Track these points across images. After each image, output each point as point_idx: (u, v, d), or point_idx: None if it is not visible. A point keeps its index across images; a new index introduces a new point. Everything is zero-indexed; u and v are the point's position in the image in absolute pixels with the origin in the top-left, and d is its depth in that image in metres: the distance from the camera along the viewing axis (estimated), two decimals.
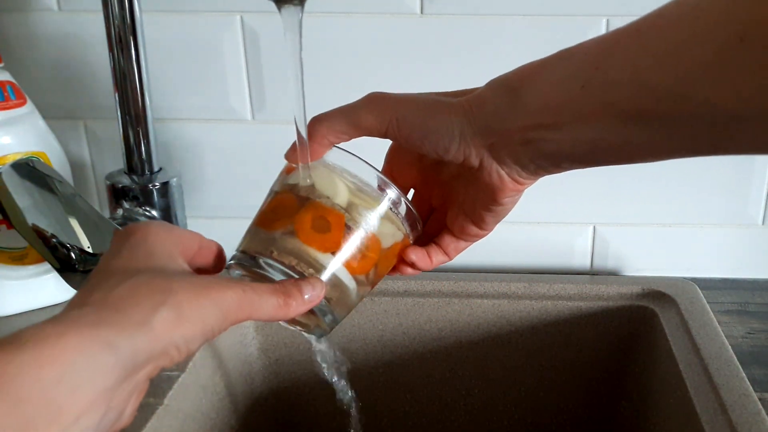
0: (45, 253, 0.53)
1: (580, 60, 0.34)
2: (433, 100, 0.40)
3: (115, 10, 0.56)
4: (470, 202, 0.42)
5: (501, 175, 0.39)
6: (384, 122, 0.39)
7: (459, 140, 0.38)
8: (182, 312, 0.34)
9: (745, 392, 0.54)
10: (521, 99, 0.36)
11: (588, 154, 0.36)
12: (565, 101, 0.34)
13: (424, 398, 0.76)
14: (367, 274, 0.42)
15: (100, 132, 0.75)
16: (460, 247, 0.45)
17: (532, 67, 0.37)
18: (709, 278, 0.76)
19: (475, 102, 0.38)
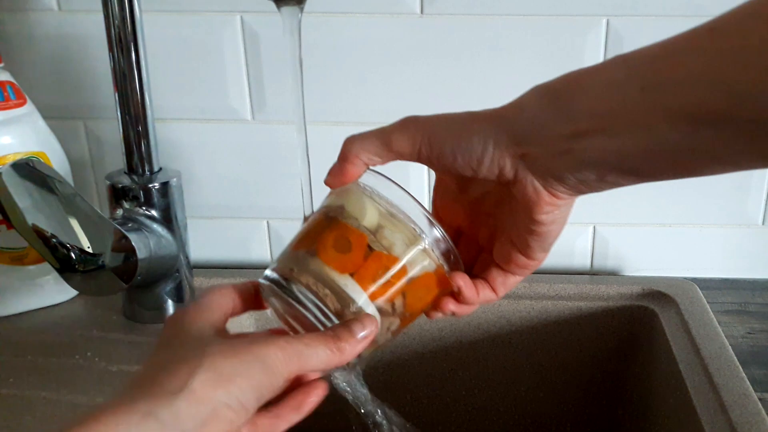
0: (45, 253, 0.53)
1: (639, 62, 0.32)
2: (463, 114, 0.38)
3: (115, 10, 0.56)
4: (513, 227, 0.40)
5: (536, 187, 0.36)
6: (416, 143, 0.38)
7: (492, 150, 0.36)
8: (222, 371, 0.33)
9: (745, 392, 0.54)
10: (566, 104, 0.34)
11: (639, 163, 0.33)
12: (619, 105, 0.32)
13: (424, 398, 0.76)
14: (392, 303, 0.39)
15: (100, 132, 0.75)
16: (509, 282, 0.42)
17: (580, 72, 0.34)
18: (709, 278, 0.76)
19: (511, 109, 0.36)
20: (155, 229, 0.60)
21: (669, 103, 0.31)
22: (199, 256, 0.77)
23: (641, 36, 0.67)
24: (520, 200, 0.37)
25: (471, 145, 0.36)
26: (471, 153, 0.36)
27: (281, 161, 0.74)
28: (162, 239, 0.61)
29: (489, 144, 0.36)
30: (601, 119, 0.33)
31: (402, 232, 0.39)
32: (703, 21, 0.32)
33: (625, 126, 0.32)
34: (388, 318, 0.39)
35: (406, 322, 0.41)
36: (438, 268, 0.40)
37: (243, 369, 0.34)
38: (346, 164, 0.39)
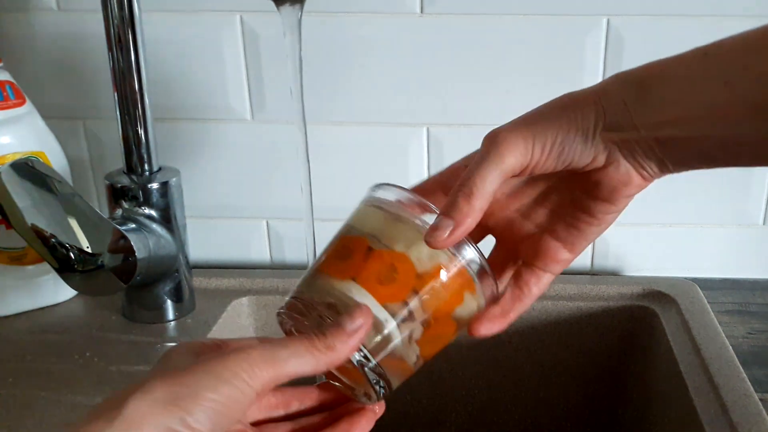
0: (44, 253, 0.53)
1: (722, 56, 0.33)
2: (558, 107, 0.36)
3: (115, 9, 0.56)
4: (567, 216, 0.39)
5: (628, 170, 0.36)
6: (528, 151, 0.35)
7: (591, 138, 0.35)
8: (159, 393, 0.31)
9: (746, 393, 0.54)
10: (652, 94, 0.34)
11: (724, 152, 0.34)
12: (704, 98, 0.33)
13: (424, 398, 0.76)
14: (405, 303, 0.36)
15: (100, 132, 0.75)
16: (542, 283, 0.41)
17: (663, 63, 0.35)
18: (710, 278, 0.76)
19: (603, 96, 0.35)
20: (154, 228, 0.60)
21: (751, 97, 0.31)
22: (198, 256, 0.77)
23: (642, 35, 0.67)
24: (605, 184, 0.37)
25: (578, 135, 0.35)
26: (577, 144, 0.35)
27: (281, 161, 0.74)
28: (161, 239, 0.61)
29: (590, 132, 0.35)
30: (685, 110, 0.33)
31: (404, 229, 0.37)
32: (702, 21, 0.32)
33: (708, 118, 0.33)
34: (408, 324, 0.36)
35: (432, 330, 0.37)
36: (452, 259, 0.37)
37: (191, 388, 0.31)
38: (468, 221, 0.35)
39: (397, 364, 0.37)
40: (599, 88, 0.36)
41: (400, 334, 0.36)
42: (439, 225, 0.35)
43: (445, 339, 0.39)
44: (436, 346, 0.38)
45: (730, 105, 0.32)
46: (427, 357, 0.38)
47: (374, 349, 0.36)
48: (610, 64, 0.69)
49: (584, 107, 0.35)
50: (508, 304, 0.40)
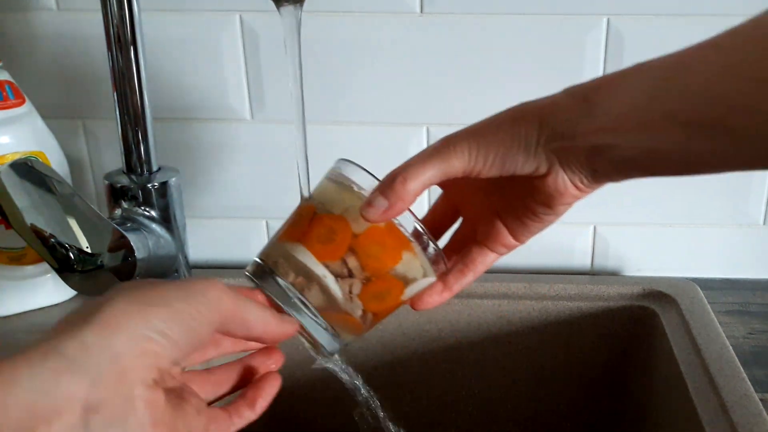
0: (43, 253, 0.53)
1: (652, 71, 0.35)
2: (506, 119, 0.39)
3: (114, 9, 0.56)
4: (516, 210, 0.42)
5: (564, 181, 0.39)
6: (471, 160, 0.38)
7: (534, 150, 0.38)
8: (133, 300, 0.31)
9: (746, 393, 0.54)
10: (594, 105, 0.36)
11: (650, 162, 0.36)
12: (630, 109, 0.35)
13: (424, 398, 0.76)
14: (344, 262, 0.40)
15: (99, 131, 0.74)
16: (488, 261, 0.44)
17: (610, 77, 0.37)
18: (710, 278, 0.76)
19: (549, 108, 0.38)
20: (154, 228, 0.60)
21: (671, 111, 0.33)
22: (198, 256, 0.77)
23: (641, 35, 0.67)
24: (544, 191, 0.39)
25: (520, 149, 0.38)
26: (519, 157, 0.38)
27: (281, 161, 0.74)
28: (161, 239, 0.61)
29: (532, 144, 0.38)
30: (616, 119, 0.35)
31: (345, 196, 0.41)
32: (702, 20, 0.33)
33: (633, 128, 0.35)
34: (346, 281, 0.40)
35: (373, 286, 0.40)
36: (389, 223, 0.40)
37: (163, 297, 0.32)
38: (400, 204, 0.38)
39: (343, 318, 0.41)
40: (550, 101, 0.38)
41: (339, 288, 0.40)
42: (374, 202, 0.38)
43: (392, 297, 0.42)
44: (383, 303, 0.42)
45: (650, 115, 0.34)
46: (377, 312, 0.42)
47: (315, 302, 0.40)
48: (610, 64, 0.69)
49: (529, 121, 0.38)
50: (452, 278, 0.44)
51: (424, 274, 0.42)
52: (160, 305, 0.31)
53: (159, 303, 0.32)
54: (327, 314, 0.40)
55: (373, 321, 0.42)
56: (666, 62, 0.35)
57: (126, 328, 0.30)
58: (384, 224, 0.40)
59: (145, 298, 0.32)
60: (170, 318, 0.31)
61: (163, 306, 0.32)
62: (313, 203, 0.42)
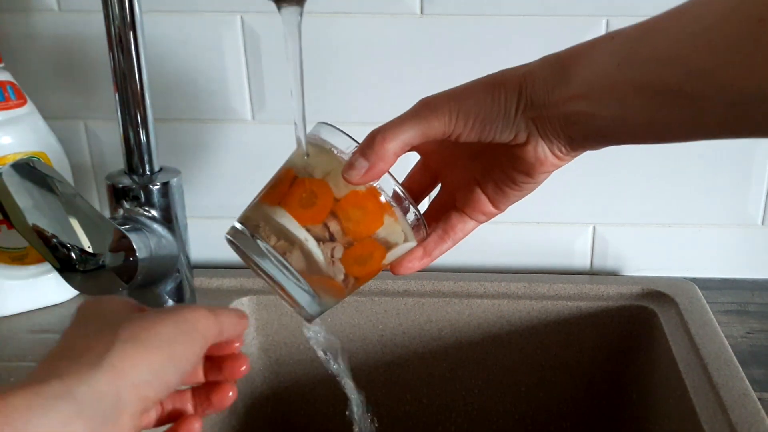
0: (45, 253, 0.53)
1: (621, 40, 0.36)
2: (487, 84, 0.39)
3: (115, 10, 0.56)
4: (498, 180, 0.42)
5: (544, 149, 0.39)
6: (452, 123, 0.38)
7: (513, 118, 0.38)
8: (139, 341, 0.32)
9: (745, 392, 0.54)
10: (568, 74, 0.37)
11: (621, 130, 0.36)
12: (600, 78, 0.35)
13: (424, 398, 0.76)
14: (325, 225, 0.40)
15: (101, 132, 0.75)
16: (467, 228, 0.44)
17: (582, 46, 0.38)
18: (709, 278, 0.76)
19: (527, 76, 0.38)
20: (155, 229, 0.60)
21: (636, 78, 0.34)
22: (199, 256, 0.77)
23: None
24: (524, 160, 0.39)
25: (500, 115, 0.38)
26: (499, 123, 0.38)
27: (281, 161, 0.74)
28: (162, 239, 0.61)
29: (512, 112, 0.38)
30: (587, 87, 0.36)
31: (325, 159, 0.41)
32: None
33: (603, 96, 0.35)
34: (328, 245, 0.40)
35: (355, 250, 0.40)
36: (370, 187, 0.40)
37: (162, 338, 0.33)
38: (381, 164, 0.38)
39: (325, 281, 0.41)
40: (527, 70, 0.38)
41: (321, 252, 0.40)
42: (355, 164, 0.38)
43: (374, 261, 0.42)
44: (365, 267, 0.42)
45: (619, 83, 0.35)
46: (359, 276, 0.42)
47: (297, 265, 0.40)
48: None
49: (509, 88, 0.38)
50: (431, 244, 0.44)
51: (405, 238, 0.42)
52: (159, 348, 0.33)
53: (158, 345, 0.33)
54: (309, 278, 0.41)
55: (355, 285, 0.42)
56: (636, 30, 0.36)
57: (130, 374, 0.31)
58: (365, 188, 0.40)
59: (146, 341, 0.33)
60: (167, 362, 0.33)
61: (162, 349, 0.33)
62: (292, 167, 0.42)
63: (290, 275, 0.40)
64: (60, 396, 0.29)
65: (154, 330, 0.33)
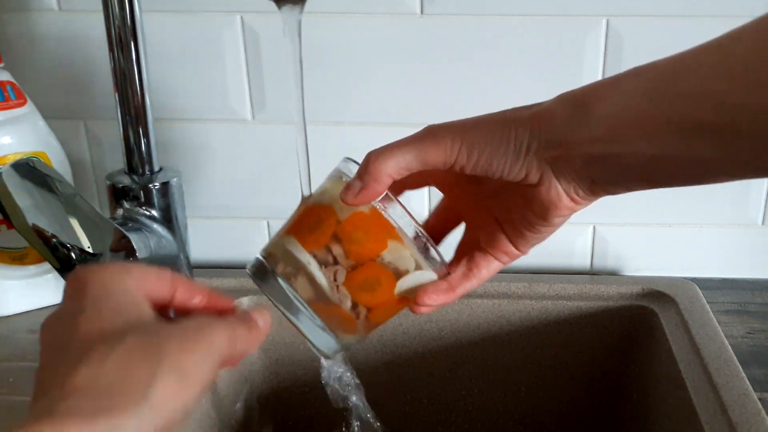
0: (45, 253, 0.53)
1: (651, 75, 0.34)
2: (495, 119, 0.38)
3: (116, 10, 0.56)
4: (516, 222, 0.41)
5: (558, 192, 0.38)
6: (453, 152, 0.37)
7: (524, 156, 0.37)
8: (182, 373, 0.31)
9: (745, 392, 0.54)
10: (589, 113, 0.35)
11: (650, 171, 0.35)
12: (630, 115, 0.34)
13: (424, 398, 0.76)
14: (328, 248, 0.39)
15: (101, 132, 0.75)
16: (492, 267, 0.43)
17: (603, 83, 0.36)
18: (709, 278, 0.76)
19: (543, 115, 0.37)
20: (155, 229, 0.60)
21: (672, 115, 0.33)
22: (199, 256, 0.77)
23: (641, 36, 0.67)
24: (538, 202, 0.38)
25: (508, 151, 0.37)
26: (507, 159, 0.37)
27: (281, 161, 0.74)
28: (162, 239, 0.61)
29: (523, 150, 0.37)
30: (616, 128, 0.34)
31: (334, 185, 0.40)
32: (701, 21, 0.33)
33: (635, 134, 0.34)
34: (331, 268, 0.39)
35: (359, 274, 0.39)
36: (373, 209, 0.39)
37: (198, 369, 0.32)
38: (374, 185, 0.38)
39: (332, 310, 0.40)
40: (542, 108, 0.37)
41: (323, 275, 0.39)
42: (350, 184, 0.38)
43: (383, 289, 0.40)
44: (373, 294, 0.40)
45: (653, 120, 0.33)
46: (370, 306, 0.40)
47: (304, 293, 0.40)
48: (610, 65, 0.69)
49: (520, 126, 0.37)
50: (456, 279, 0.43)
51: (417, 266, 0.40)
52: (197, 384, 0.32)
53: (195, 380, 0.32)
54: (316, 306, 0.40)
55: (369, 318, 0.41)
56: (663, 65, 0.34)
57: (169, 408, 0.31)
58: (369, 211, 0.39)
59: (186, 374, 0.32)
60: (198, 394, 0.32)
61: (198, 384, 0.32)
62: (307, 197, 0.43)
63: (300, 305, 0.40)
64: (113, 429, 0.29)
65: (191, 360, 0.32)
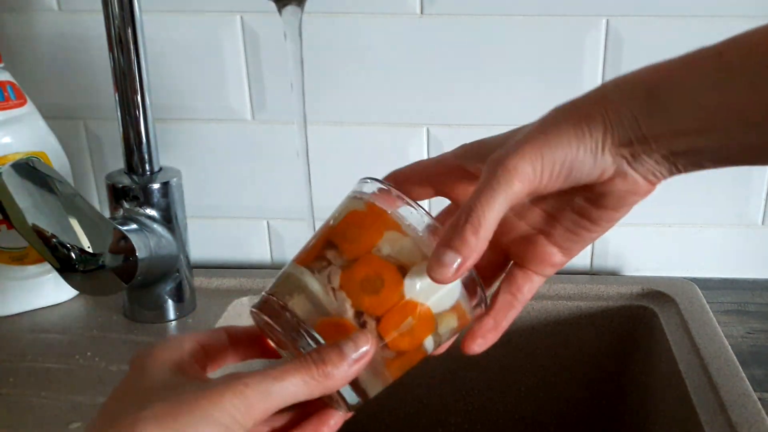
0: (45, 253, 0.53)
1: (742, 55, 0.31)
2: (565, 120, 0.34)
3: (115, 10, 0.56)
4: (567, 224, 0.37)
5: (636, 179, 0.34)
6: (536, 179, 0.33)
7: (601, 155, 0.33)
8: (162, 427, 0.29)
9: (745, 392, 0.54)
10: (661, 103, 0.32)
11: (745, 155, 0.32)
12: (723, 103, 0.31)
13: (424, 398, 0.76)
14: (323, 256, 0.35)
15: (100, 132, 0.75)
16: (534, 285, 0.39)
17: (670, 67, 0.32)
18: (709, 278, 0.76)
19: (608, 109, 0.33)
20: (155, 229, 0.60)
21: (743, 111, 0.30)
22: (199, 256, 0.77)
23: (641, 36, 0.67)
24: (610, 194, 0.35)
25: (587, 154, 0.33)
26: (585, 163, 0.33)
27: (281, 161, 0.74)
28: (162, 239, 0.61)
29: (599, 150, 0.33)
30: (702, 119, 0.31)
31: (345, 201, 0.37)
32: (701, 21, 0.32)
33: (729, 125, 0.31)
34: (324, 272, 0.34)
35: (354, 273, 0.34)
36: (368, 203, 0.35)
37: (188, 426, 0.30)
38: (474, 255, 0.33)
39: (335, 326, 0.34)
40: (601, 98, 0.33)
41: (317, 281, 0.34)
42: (446, 261, 0.32)
43: (389, 288, 0.34)
44: (379, 296, 0.34)
45: (755, 108, 0.30)
46: (377, 313, 0.34)
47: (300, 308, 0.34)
48: (610, 65, 0.69)
49: (591, 122, 0.33)
50: (500, 313, 0.38)
51: (425, 257, 0.34)
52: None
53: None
54: (316, 324, 0.34)
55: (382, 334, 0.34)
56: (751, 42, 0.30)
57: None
58: (364, 207, 0.35)
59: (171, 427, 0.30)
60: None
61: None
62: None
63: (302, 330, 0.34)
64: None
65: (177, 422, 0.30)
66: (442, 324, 0.36)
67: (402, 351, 0.36)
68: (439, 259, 0.32)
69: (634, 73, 0.33)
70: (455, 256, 0.32)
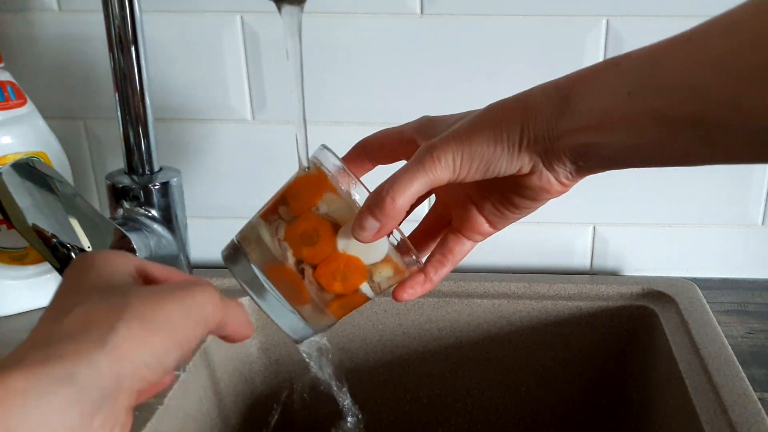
0: (45, 253, 0.53)
1: (628, 67, 0.35)
2: (487, 122, 0.39)
3: (116, 10, 0.56)
4: (494, 201, 0.42)
5: (549, 177, 0.39)
6: (456, 168, 0.38)
7: (517, 153, 0.38)
8: (145, 322, 0.30)
9: (745, 392, 0.54)
10: (571, 105, 0.36)
11: (632, 157, 0.37)
12: (608, 107, 0.35)
13: (424, 398, 0.76)
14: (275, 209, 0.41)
15: (101, 132, 0.75)
16: (465, 249, 0.45)
17: (582, 74, 0.37)
18: (709, 278, 0.76)
19: (528, 111, 0.38)
20: (155, 228, 0.60)
21: (652, 106, 0.34)
22: (199, 256, 0.77)
23: (641, 36, 0.67)
24: (528, 188, 0.40)
25: (504, 152, 0.38)
26: (503, 160, 0.38)
27: (281, 161, 0.74)
28: (162, 239, 0.61)
29: (516, 148, 0.38)
30: (595, 118, 0.36)
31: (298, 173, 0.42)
32: (701, 21, 0.33)
33: (617, 125, 0.35)
34: (273, 224, 0.41)
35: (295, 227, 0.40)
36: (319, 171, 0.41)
37: (168, 321, 0.31)
38: (390, 222, 0.38)
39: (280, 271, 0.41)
40: (524, 99, 0.38)
41: (266, 229, 0.41)
42: (366, 225, 0.38)
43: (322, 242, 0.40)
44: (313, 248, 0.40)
45: (633, 112, 0.34)
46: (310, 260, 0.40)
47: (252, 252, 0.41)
48: None
49: (511, 124, 0.38)
50: (432, 269, 0.44)
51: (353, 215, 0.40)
52: (164, 331, 0.31)
53: (163, 328, 0.31)
54: (269, 271, 0.41)
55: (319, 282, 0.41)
56: (644, 56, 0.35)
57: (133, 356, 0.30)
58: (315, 171, 0.41)
59: (152, 322, 0.31)
60: (170, 345, 0.31)
61: (166, 332, 0.31)
62: None
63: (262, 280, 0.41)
64: (60, 379, 0.28)
65: (161, 311, 0.31)
66: (376, 273, 0.41)
67: (339, 294, 0.42)
68: (360, 222, 0.38)
69: (556, 79, 0.38)
70: (374, 222, 0.38)
